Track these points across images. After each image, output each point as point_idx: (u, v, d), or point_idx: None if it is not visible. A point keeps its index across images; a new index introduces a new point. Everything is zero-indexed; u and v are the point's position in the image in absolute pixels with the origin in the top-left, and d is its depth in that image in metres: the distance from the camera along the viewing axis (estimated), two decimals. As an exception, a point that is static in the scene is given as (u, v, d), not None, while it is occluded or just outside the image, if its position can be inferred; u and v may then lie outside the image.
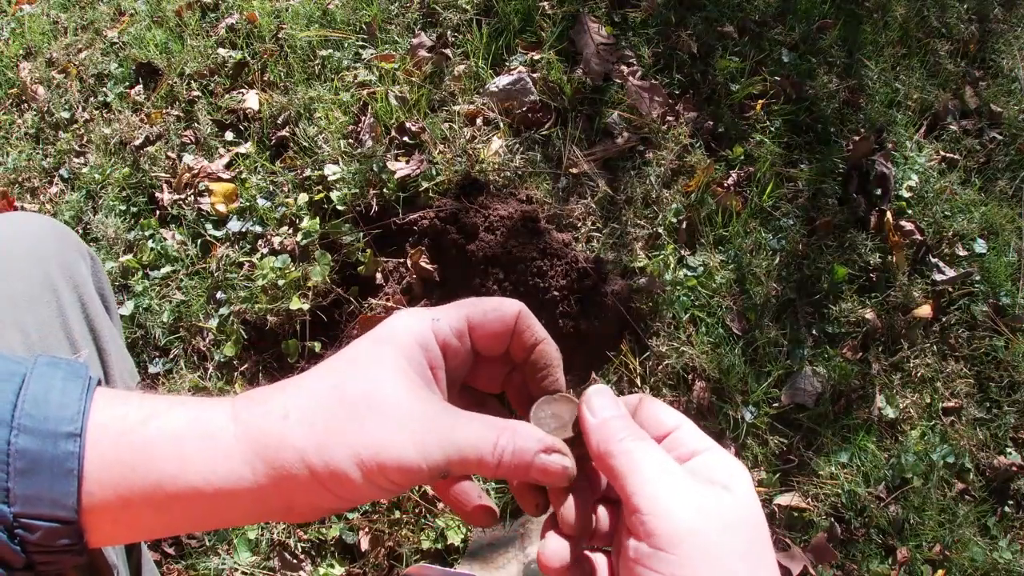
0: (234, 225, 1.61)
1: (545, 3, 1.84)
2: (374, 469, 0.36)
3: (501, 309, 0.43)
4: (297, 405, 0.37)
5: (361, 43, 1.83)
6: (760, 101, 1.78)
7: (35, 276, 0.66)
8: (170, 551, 1.31)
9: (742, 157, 1.71)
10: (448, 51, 1.77)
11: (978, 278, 1.66)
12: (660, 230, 1.60)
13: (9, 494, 0.34)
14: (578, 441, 0.42)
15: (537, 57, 1.76)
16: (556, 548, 0.40)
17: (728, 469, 0.38)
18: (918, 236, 1.68)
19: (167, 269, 1.58)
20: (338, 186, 1.59)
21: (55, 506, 0.34)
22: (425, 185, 1.58)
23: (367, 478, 0.36)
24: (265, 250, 1.58)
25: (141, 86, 1.87)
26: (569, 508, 0.41)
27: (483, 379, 0.47)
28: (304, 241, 1.54)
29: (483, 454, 0.38)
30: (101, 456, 0.35)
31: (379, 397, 0.37)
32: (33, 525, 0.34)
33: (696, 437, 0.40)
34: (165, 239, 1.62)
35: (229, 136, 1.76)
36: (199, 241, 1.61)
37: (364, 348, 0.40)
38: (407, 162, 1.63)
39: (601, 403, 0.41)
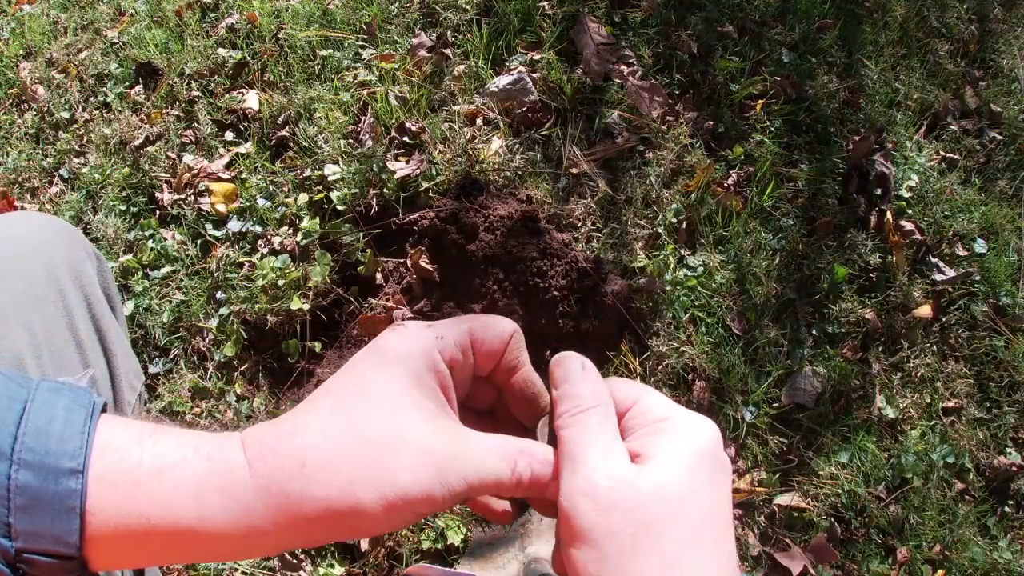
0: (234, 225, 1.61)
1: (545, 3, 1.84)
2: (400, 505, 0.36)
3: (499, 326, 0.43)
4: (315, 453, 0.36)
5: (361, 43, 1.83)
6: (760, 101, 1.77)
7: (41, 276, 0.66)
8: (170, 551, 1.31)
9: (742, 157, 1.71)
10: (448, 51, 1.77)
11: (978, 278, 1.66)
12: (660, 230, 1.60)
13: (11, 529, 0.34)
14: None
15: (537, 57, 1.76)
16: None
17: (669, 441, 0.37)
18: (918, 236, 1.68)
19: (167, 269, 1.58)
20: (338, 186, 1.59)
21: (57, 543, 0.34)
22: (425, 185, 1.58)
23: (390, 514, 0.36)
24: (265, 250, 1.58)
25: (141, 86, 1.87)
26: None
27: (474, 399, 0.47)
28: (304, 241, 1.54)
29: (502, 478, 0.39)
30: (106, 494, 0.35)
31: (398, 434, 0.37)
32: (35, 560, 0.34)
33: (657, 406, 0.40)
34: (165, 239, 1.62)
35: (229, 136, 1.76)
36: (199, 241, 1.61)
37: (373, 375, 0.39)
38: (407, 162, 1.63)
39: (562, 373, 0.42)
